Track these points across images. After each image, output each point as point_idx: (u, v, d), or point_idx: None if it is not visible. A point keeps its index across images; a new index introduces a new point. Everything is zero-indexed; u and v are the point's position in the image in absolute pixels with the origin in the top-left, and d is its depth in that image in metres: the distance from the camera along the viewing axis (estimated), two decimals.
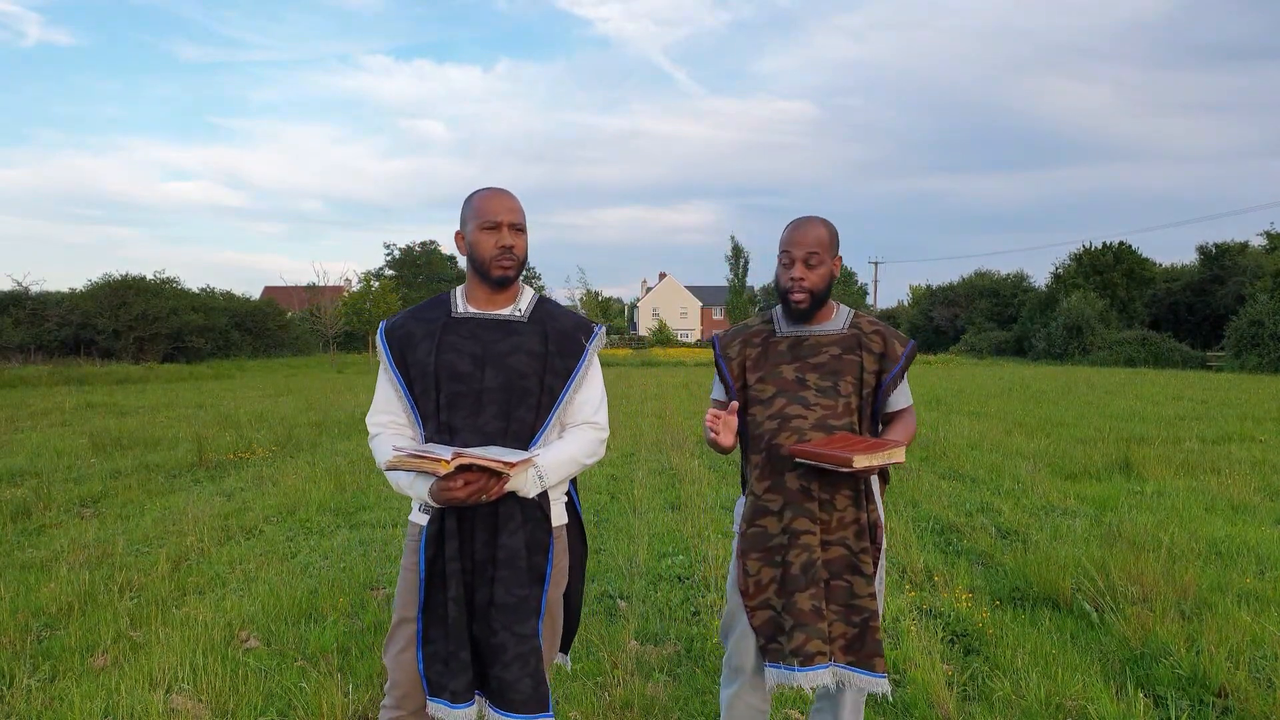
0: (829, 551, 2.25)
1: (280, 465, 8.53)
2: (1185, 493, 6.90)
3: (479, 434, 2.06)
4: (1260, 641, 3.60)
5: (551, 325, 2.20)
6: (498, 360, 2.11)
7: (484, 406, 2.08)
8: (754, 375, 2.36)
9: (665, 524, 5.95)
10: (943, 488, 7.28)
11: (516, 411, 2.10)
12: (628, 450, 9.63)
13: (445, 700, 2.04)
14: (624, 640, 3.74)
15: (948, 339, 52.53)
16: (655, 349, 52.89)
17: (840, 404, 2.27)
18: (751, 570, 2.29)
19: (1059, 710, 3.09)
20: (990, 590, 4.50)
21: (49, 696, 3.22)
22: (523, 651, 2.03)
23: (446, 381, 2.09)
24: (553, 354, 2.16)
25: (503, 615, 2.03)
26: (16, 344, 27.74)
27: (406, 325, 2.19)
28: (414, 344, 2.15)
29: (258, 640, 3.79)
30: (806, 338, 2.35)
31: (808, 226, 2.29)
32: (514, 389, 2.10)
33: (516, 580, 2.04)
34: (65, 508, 6.54)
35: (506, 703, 2.04)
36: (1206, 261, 41.62)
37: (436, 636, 2.06)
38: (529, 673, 2.03)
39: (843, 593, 2.25)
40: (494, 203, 2.12)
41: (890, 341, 2.33)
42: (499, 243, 2.10)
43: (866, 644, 2.22)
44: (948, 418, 12.86)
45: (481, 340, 2.13)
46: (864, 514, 2.25)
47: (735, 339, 2.44)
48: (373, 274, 47.68)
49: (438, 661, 2.05)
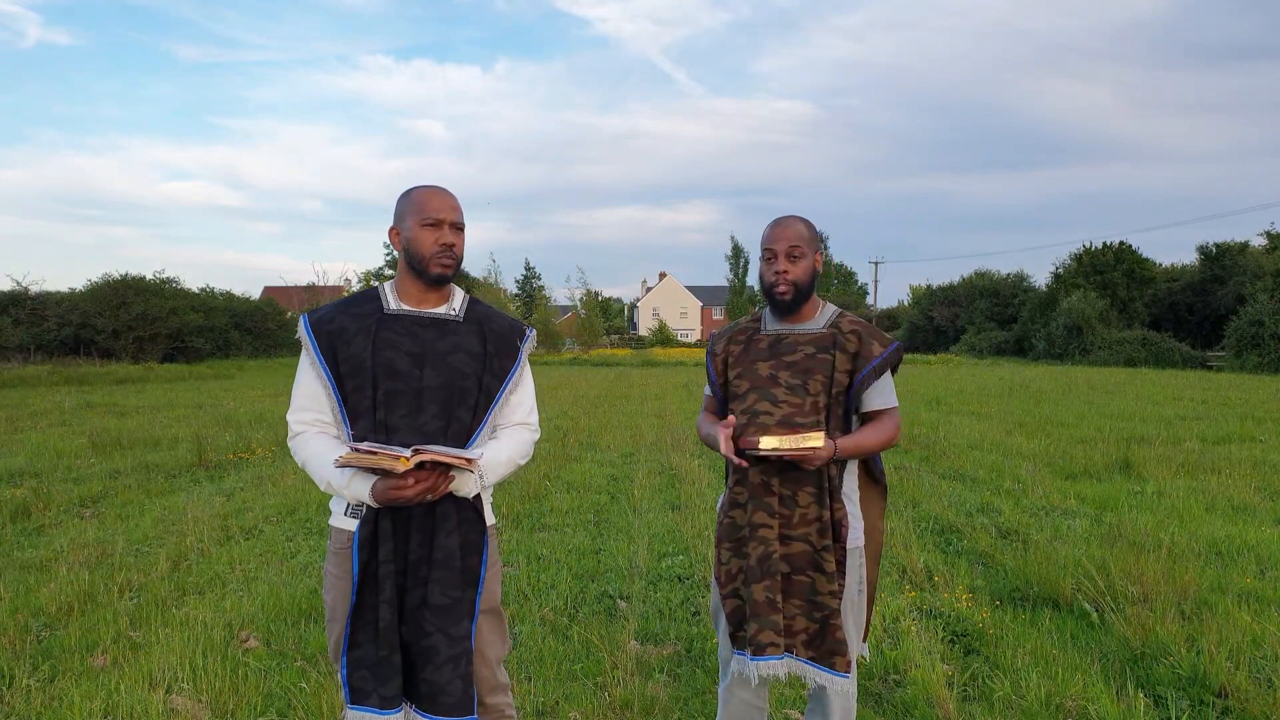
0: (790, 546, 2.28)
1: (280, 465, 8.53)
2: (1185, 493, 6.90)
3: (418, 433, 2.03)
4: (1260, 641, 3.60)
5: (489, 326, 2.19)
6: (438, 360, 2.08)
7: (424, 405, 2.05)
8: (734, 371, 2.42)
9: (665, 524, 5.95)
10: (943, 488, 7.28)
11: (456, 411, 2.07)
12: (628, 450, 9.63)
13: (372, 707, 2.00)
14: (624, 640, 3.74)
15: (948, 339, 52.52)
16: (655, 349, 52.90)
17: (807, 402, 2.29)
18: (724, 559, 2.37)
19: (1059, 710, 3.09)
20: (990, 590, 4.50)
21: (49, 696, 3.22)
22: (455, 654, 2.01)
23: (384, 379, 2.04)
24: (492, 354, 2.15)
25: (436, 617, 2.00)
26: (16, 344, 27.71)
27: (337, 319, 2.11)
28: (347, 339, 2.07)
29: (258, 640, 3.78)
30: (786, 336, 2.39)
31: (788, 223, 2.35)
32: (454, 389, 2.08)
33: (451, 581, 2.01)
34: (65, 508, 6.54)
35: (436, 706, 2.01)
36: (1206, 261, 41.59)
37: (364, 641, 2.02)
38: (460, 675, 2.01)
39: (804, 588, 2.28)
40: (436, 200, 2.10)
41: (868, 342, 2.34)
42: (439, 240, 2.08)
43: (827, 641, 2.26)
44: (948, 418, 12.86)
45: (419, 338, 2.10)
46: (827, 511, 2.27)
47: (723, 336, 2.51)
48: (372, 274, 47.67)
49: (363, 667, 2.01)
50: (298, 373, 2.14)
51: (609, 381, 24.06)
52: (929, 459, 8.90)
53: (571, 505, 6.63)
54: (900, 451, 9.46)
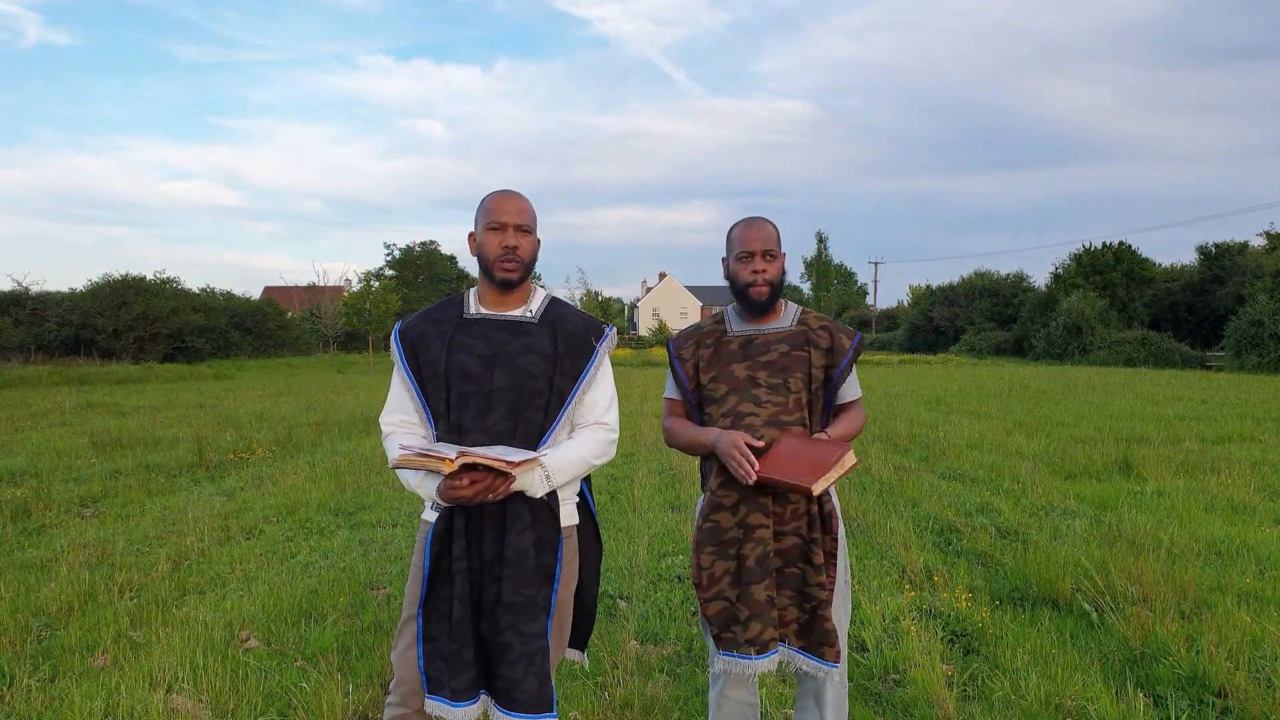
0: (782, 541, 2.32)
1: (280, 465, 8.54)
2: (1185, 493, 6.90)
3: (487, 434, 2.08)
4: (1260, 641, 3.60)
5: (562, 326, 2.21)
6: (508, 361, 2.12)
7: (493, 407, 2.09)
8: (707, 375, 2.43)
9: (665, 524, 5.95)
10: (943, 488, 7.28)
11: (525, 412, 2.11)
12: (628, 450, 9.63)
13: (444, 698, 2.04)
14: (624, 640, 3.74)
15: (948, 339, 52.52)
16: (655, 349, 52.88)
17: (790, 400, 2.33)
18: (705, 564, 2.36)
19: (1059, 710, 3.09)
20: (990, 590, 4.50)
21: (49, 696, 3.22)
22: (529, 650, 2.04)
23: (456, 381, 2.11)
24: (562, 354, 2.17)
25: (509, 614, 2.04)
26: (16, 344, 27.73)
27: (420, 326, 2.22)
28: (427, 344, 2.17)
29: (258, 640, 3.79)
30: (756, 336, 2.41)
31: (761, 224, 2.40)
32: (523, 389, 2.11)
33: (524, 579, 2.05)
34: (65, 508, 6.54)
35: (511, 702, 2.04)
36: (1206, 261, 41.58)
37: (438, 633, 2.07)
38: (534, 672, 2.04)
39: (795, 580, 2.32)
40: (501, 203, 2.15)
41: (837, 336, 2.41)
42: (503, 243, 2.12)
43: (815, 631, 2.30)
44: (948, 418, 12.86)
45: (492, 341, 2.15)
46: (815, 505, 2.31)
47: (688, 340, 2.51)
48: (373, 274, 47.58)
49: (438, 659, 2.06)
50: (392, 378, 2.26)
51: None
52: (929, 459, 8.90)
53: None
54: (900, 451, 9.46)
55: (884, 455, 9.02)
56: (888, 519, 6.00)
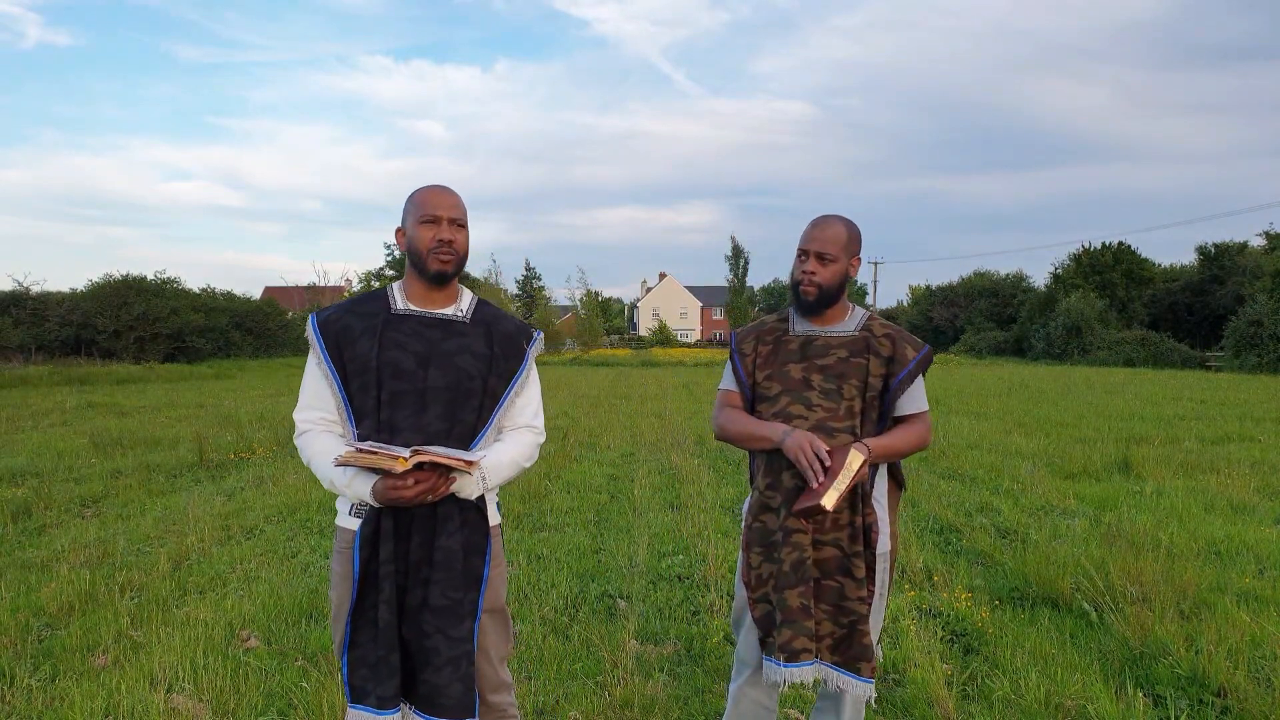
0: (821, 551, 2.27)
1: (281, 465, 8.54)
2: (1184, 493, 6.91)
3: (422, 433, 2.03)
4: (1259, 641, 3.60)
5: (495, 327, 2.19)
6: (444, 359, 2.08)
7: (428, 405, 2.05)
8: (763, 372, 2.38)
9: (665, 524, 5.95)
10: (942, 488, 7.28)
11: (460, 412, 2.07)
12: (628, 450, 9.63)
13: (370, 706, 2.00)
14: (624, 640, 3.75)
15: (947, 339, 52.51)
16: (655, 349, 52.90)
17: (842, 407, 2.27)
18: (753, 564, 2.33)
19: (1058, 710, 3.09)
20: (990, 590, 4.50)
21: (49, 696, 3.22)
22: (455, 655, 2.01)
23: (389, 379, 2.04)
24: (497, 356, 2.15)
25: (436, 618, 2.00)
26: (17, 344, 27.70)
27: (344, 319, 2.12)
28: (353, 338, 2.08)
29: (258, 640, 3.79)
30: (817, 338, 2.36)
31: (826, 224, 2.31)
32: (459, 389, 2.07)
33: (451, 583, 2.01)
34: (66, 507, 6.55)
35: (435, 707, 2.01)
36: (1206, 261, 41.60)
37: (364, 641, 2.02)
38: (459, 677, 2.01)
39: (833, 593, 2.27)
40: (434, 197, 2.11)
41: (901, 346, 2.32)
42: (438, 236, 2.08)
43: (853, 646, 2.24)
44: (948, 418, 12.86)
45: (425, 338, 2.10)
46: (859, 516, 2.25)
47: (750, 335, 2.46)
48: (373, 274, 47.64)
49: (363, 666, 2.01)
50: (305, 371, 2.15)
51: (609, 381, 24.05)
52: (928, 459, 8.91)
53: (571, 505, 6.64)
54: None
55: None
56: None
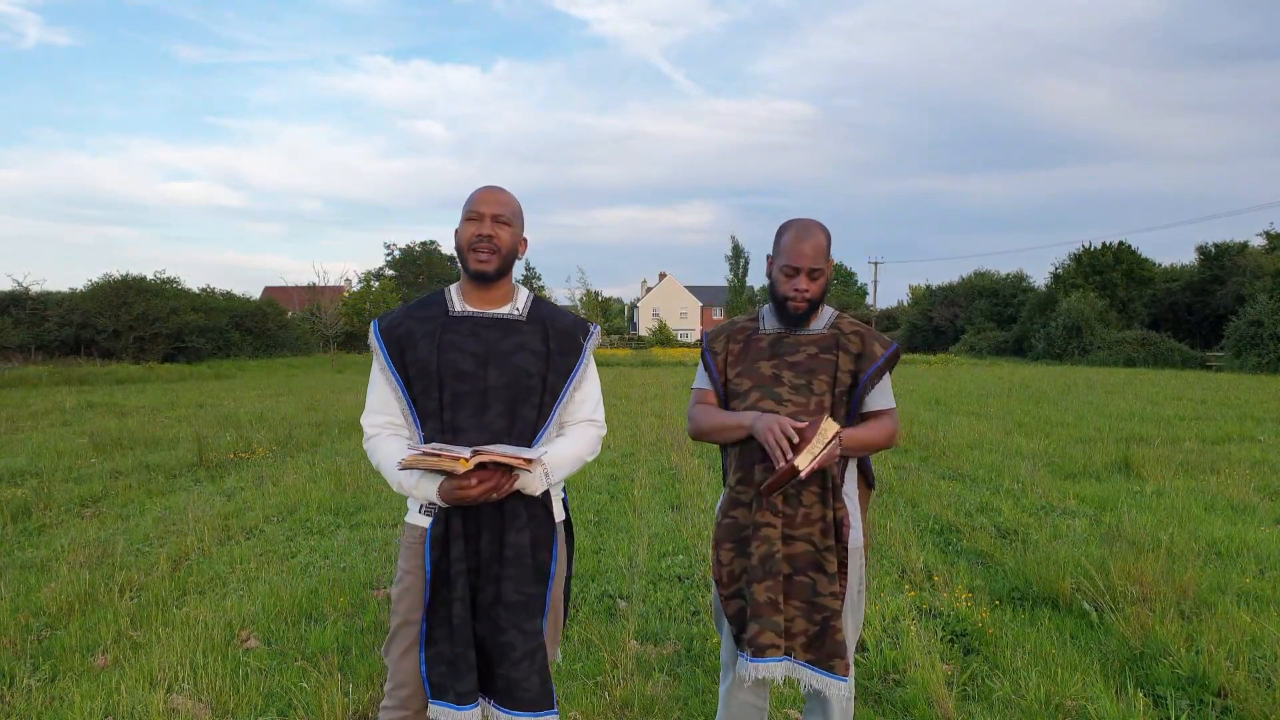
0: (792, 546, 2.27)
1: (280, 465, 8.54)
2: (1185, 493, 6.90)
3: (485, 432, 2.06)
4: (1260, 641, 3.60)
5: (551, 324, 2.21)
6: (502, 359, 2.11)
7: (489, 405, 2.07)
8: (734, 370, 2.41)
9: (665, 524, 5.95)
10: (943, 488, 7.28)
11: (521, 410, 2.10)
12: (628, 450, 9.63)
13: (449, 702, 2.03)
14: (624, 640, 3.74)
15: (947, 339, 52.52)
16: (655, 349, 52.88)
17: (813, 402, 2.30)
18: (724, 560, 2.35)
19: (1058, 710, 3.09)
20: (990, 590, 4.50)
21: (49, 696, 3.22)
22: (530, 649, 2.03)
23: (450, 380, 2.07)
24: (554, 352, 2.16)
25: (510, 613, 2.03)
26: (17, 344, 27.73)
27: (405, 324, 2.16)
28: (414, 342, 2.12)
29: (258, 640, 3.79)
30: (787, 336, 2.38)
31: (811, 237, 2.29)
32: (518, 387, 2.10)
33: (523, 578, 2.04)
34: (66, 508, 6.55)
35: (514, 701, 2.03)
36: (1206, 261, 41.60)
37: (441, 638, 2.05)
38: (536, 670, 2.04)
39: (805, 589, 2.27)
40: (482, 195, 2.13)
41: (870, 343, 2.35)
42: (478, 231, 2.09)
43: (826, 643, 2.24)
44: (948, 418, 12.86)
45: (483, 339, 2.12)
46: (830, 511, 2.26)
47: (721, 334, 2.49)
48: (373, 274, 47.68)
49: (441, 663, 2.04)
50: (370, 377, 2.20)
51: (609, 381, 24.04)
52: (929, 459, 8.91)
53: (571, 505, 6.62)
54: (900, 451, 9.46)
55: (884, 455, 9.01)
56: (888, 519, 6.01)
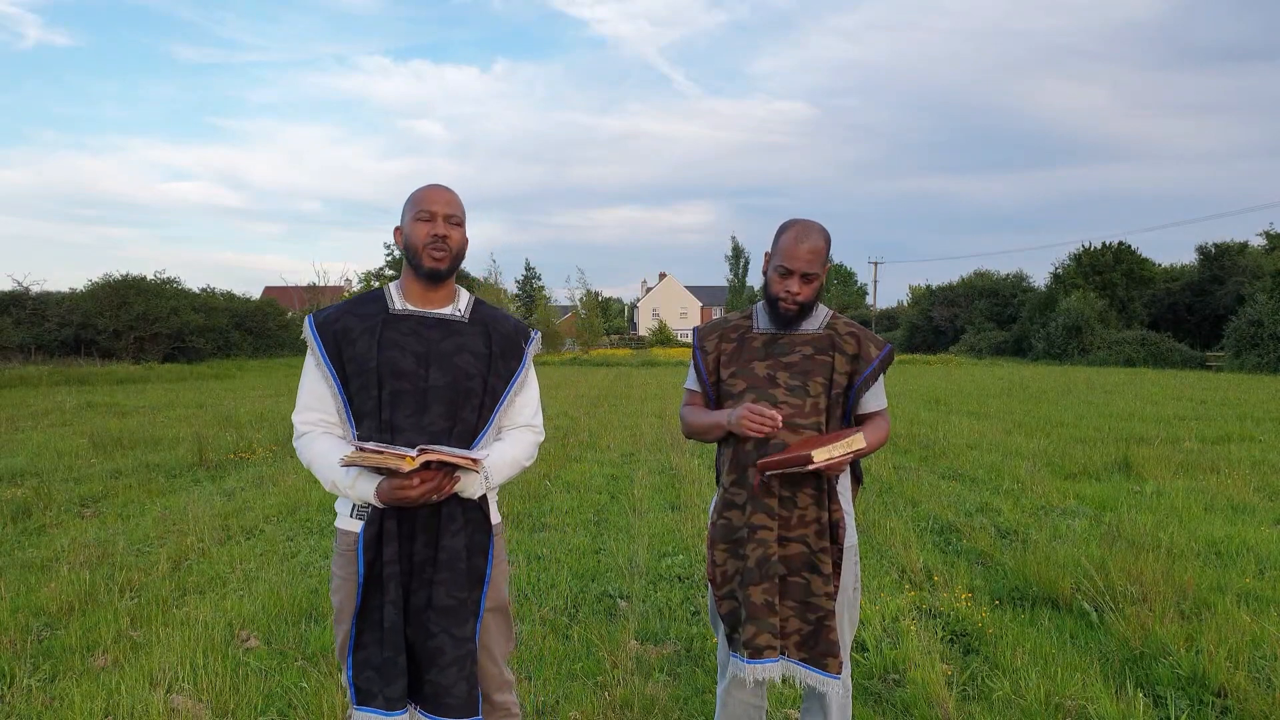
0: (788, 548, 2.27)
1: (280, 465, 8.54)
2: (1185, 493, 6.91)
3: (423, 433, 2.02)
4: (1260, 641, 3.60)
5: (493, 327, 2.19)
6: (443, 359, 2.08)
7: (429, 405, 2.04)
8: (727, 370, 2.39)
9: (665, 524, 5.95)
10: (942, 488, 7.28)
11: (461, 412, 2.07)
12: (628, 450, 9.63)
13: (377, 708, 1.99)
14: (624, 640, 3.75)
15: (947, 339, 52.53)
16: (655, 349, 52.91)
17: (808, 403, 2.29)
18: (719, 560, 2.34)
19: (1058, 710, 3.09)
20: (990, 590, 4.50)
21: (49, 696, 3.22)
22: (460, 655, 2.01)
23: (390, 379, 2.04)
24: (496, 355, 2.15)
25: (442, 618, 2.00)
26: (17, 344, 27.70)
27: (342, 320, 2.11)
28: (352, 339, 2.07)
29: (258, 640, 3.79)
30: (781, 336, 2.37)
31: (808, 238, 2.27)
32: (460, 389, 2.07)
33: (456, 583, 2.01)
34: (66, 508, 6.55)
35: (440, 707, 2.01)
36: (1206, 261, 41.61)
37: (370, 642, 2.01)
38: (464, 676, 2.01)
39: (799, 589, 2.27)
40: (430, 194, 2.11)
41: (865, 344, 2.35)
42: (432, 231, 2.07)
43: (820, 642, 2.25)
44: (948, 418, 12.86)
45: (424, 338, 2.09)
46: (825, 513, 2.26)
47: (713, 332, 2.47)
48: (373, 274, 47.65)
49: (368, 669, 2.01)
50: (303, 373, 2.14)
51: (609, 381, 24.06)
52: (929, 459, 8.91)
53: (571, 505, 6.64)
54: (900, 451, 9.46)
55: (884, 455, 9.02)
56: (888, 519, 6.01)
